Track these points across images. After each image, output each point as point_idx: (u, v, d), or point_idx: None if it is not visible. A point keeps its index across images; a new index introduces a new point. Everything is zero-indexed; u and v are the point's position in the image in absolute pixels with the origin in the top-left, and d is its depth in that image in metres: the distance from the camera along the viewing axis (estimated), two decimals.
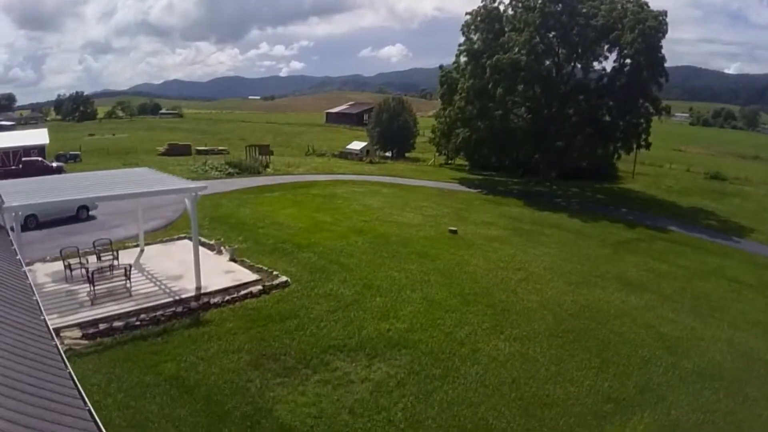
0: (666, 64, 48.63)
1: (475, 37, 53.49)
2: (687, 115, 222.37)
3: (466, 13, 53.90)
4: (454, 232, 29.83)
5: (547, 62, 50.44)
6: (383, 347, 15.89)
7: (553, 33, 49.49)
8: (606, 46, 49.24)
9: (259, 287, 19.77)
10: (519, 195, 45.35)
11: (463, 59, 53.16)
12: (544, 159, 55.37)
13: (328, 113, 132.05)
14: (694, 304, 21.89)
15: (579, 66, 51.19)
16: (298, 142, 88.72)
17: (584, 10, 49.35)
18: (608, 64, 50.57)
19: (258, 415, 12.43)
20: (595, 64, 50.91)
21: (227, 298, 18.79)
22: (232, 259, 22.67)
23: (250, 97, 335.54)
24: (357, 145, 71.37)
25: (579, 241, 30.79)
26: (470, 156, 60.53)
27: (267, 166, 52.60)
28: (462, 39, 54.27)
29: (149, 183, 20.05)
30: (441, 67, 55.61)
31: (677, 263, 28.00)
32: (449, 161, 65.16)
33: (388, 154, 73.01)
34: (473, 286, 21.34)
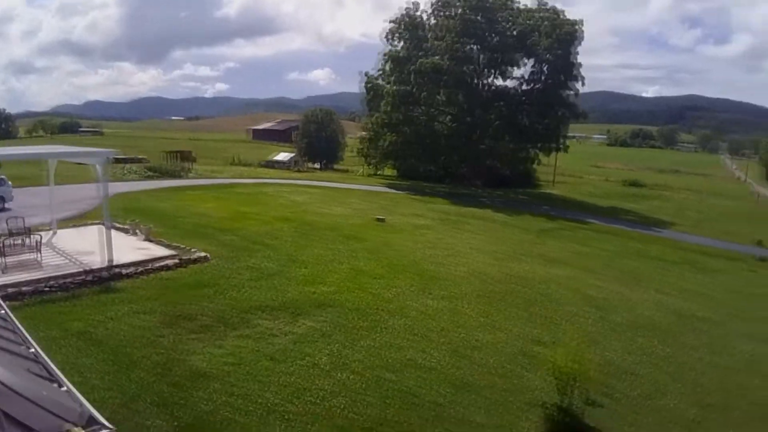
0: (585, 90, 51.08)
1: (399, 45, 54.16)
2: (605, 136, 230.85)
3: (390, 21, 54.63)
4: (382, 220, 29.52)
5: (468, 69, 51.40)
6: (309, 307, 15.24)
7: (473, 40, 50.63)
8: (523, 53, 50.75)
9: (176, 261, 18.72)
10: (445, 195, 45.74)
11: (388, 66, 53.53)
12: (469, 167, 56.24)
13: (254, 130, 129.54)
14: (619, 276, 22.39)
15: (498, 72, 52.50)
16: (223, 155, 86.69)
17: (501, 20, 51.01)
18: (527, 70, 52.21)
19: (170, 363, 11.52)
20: (515, 70, 52.40)
21: (140, 269, 17.66)
22: (147, 239, 21.47)
23: (172, 117, 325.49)
24: (284, 156, 70.37)
25: (504, 229, 31.16)
26: (398, 165, 60.74)
27: (189, 171, 50.85)
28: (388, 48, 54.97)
29: (60, 150, 18.94)
30: (366, 74, 55.74)
31: (600, 246, 28.73)
32: (377, 172, 65.15)
33: (316, 165, 72.33)
34: (401, 260, 21.04)
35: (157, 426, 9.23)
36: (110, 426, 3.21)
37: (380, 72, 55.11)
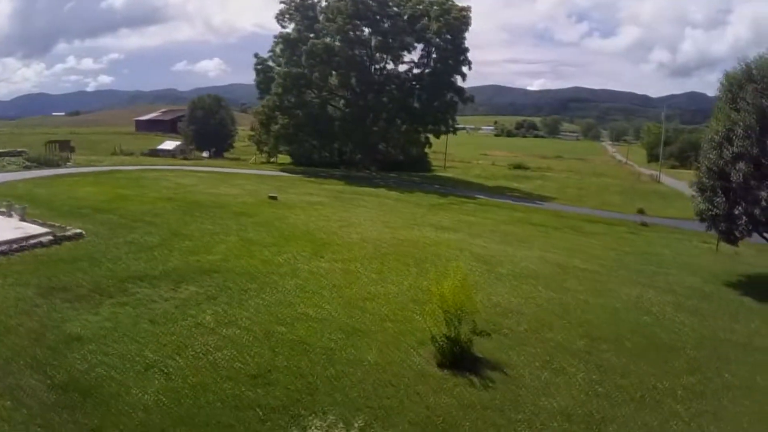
0: (475, 84, 53.30)
1: (290, 27, 53.37)
2: (492, 127, 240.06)
3: (281, 2, 53.69)
4: (274, 198, 28.96)
5: (360, 52, 51.53)
6: (192, 274, 14.54)
7: (365, 22, 50.79)
8: (414, 37, 51.50)
9: (50, 238, 17.42)
10: (340, 178, 45.70)
11: (279, 48, 52.58)
12: (364, 152, 56.39)
13: (137, 121, 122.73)
14: (504, 239, 23.19)
15: (390, 57, 53.01)
16: (105, 147, 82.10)
17: (392, 5, 51.53)
18: (417, 54, 53.07)
19: (44, 330, 10.67)
20: (406, 54, 53.12)
21: (15, 246, 16.35)
22: (23, 219, 19.91)
23: (54, 113, 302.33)
24: (170, 145, 67.50)
25: (397, 205, 31.53)
26: (292, 150, 59.93)
27: (68, 160, 47.63)
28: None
29: None
30: (257, 55, 54.48)
31: (486, 216, 29.71)
32: (271, 159, 63.81)
33: (205, 154, 69.82)
34: (293, 230, 20.66)
35: (31, 386, 8.62)
36: None
37: (271, 54, 54.02)
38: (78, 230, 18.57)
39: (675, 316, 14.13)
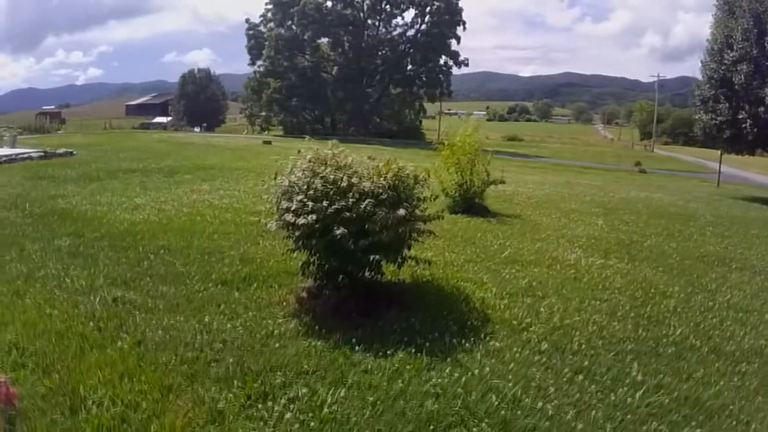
0: (465, 71, 52.15)
1: None
2: (484, 113, 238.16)
3: None
4: (268, 143, 28.67)
5: (353, 13, 50.65)
6: (187, 169, 14.31)
7: None
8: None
9: (41, 154, 17.39)
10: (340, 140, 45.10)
11: (270, 12, 51.63)
12: (357, 122, 55.56)
13: (128, 105, 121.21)
14: (504, 170, 22.63)
15: (383, 19, 52.26)
16: (95, 129, 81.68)
17: None
18: (410, 16, 52.27)
19: (28, 193, 10.18)
20: (399, 18, 52.40)
21: (3, 159, 15.98)
22: (13, 145, 19.69)
23: (44, 108, 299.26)
24: (162, 119, 66.59)
25: (394, 153, 30.69)
26: (284, 119, 58.91)
27: (58, 129, 47.33)
28: None
29: None
30: (247, 20, 53.54)
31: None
32: (264, 130, 62.89)
33: (197, 129, 68.74)
34: (293, 153, 20.12)
35: (10, 217, 8.17)
36: None
37: (262, 19, 52.99)
38: (69, 150, 18.30)
39: (686, 205, 13.82)
